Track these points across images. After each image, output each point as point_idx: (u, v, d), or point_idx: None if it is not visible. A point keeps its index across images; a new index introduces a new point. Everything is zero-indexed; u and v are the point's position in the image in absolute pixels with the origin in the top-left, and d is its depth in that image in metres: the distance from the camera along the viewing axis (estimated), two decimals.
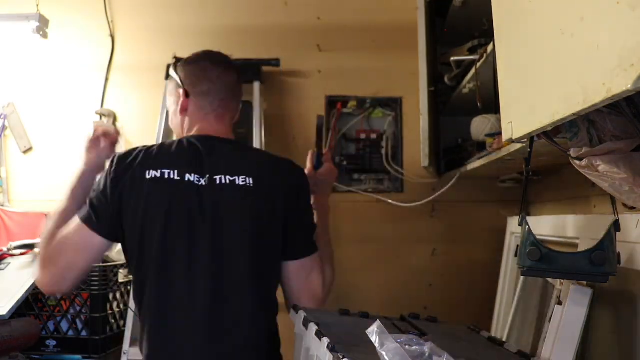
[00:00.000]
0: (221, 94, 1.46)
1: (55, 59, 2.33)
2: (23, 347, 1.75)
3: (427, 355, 0.77)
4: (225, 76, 1.48)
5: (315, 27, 2.26)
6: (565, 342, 1.04)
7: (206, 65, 1.49)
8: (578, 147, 0.77)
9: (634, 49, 0.49)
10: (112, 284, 1.96)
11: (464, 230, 2.14)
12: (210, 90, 1.46)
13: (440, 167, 2.03)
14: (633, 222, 0.96)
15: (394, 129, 2.20)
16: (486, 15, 1.04)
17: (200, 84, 1.46)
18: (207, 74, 1.47)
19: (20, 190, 2.29)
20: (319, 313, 1.11)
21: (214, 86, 1.46)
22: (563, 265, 0.88)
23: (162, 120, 2.10)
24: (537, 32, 0.74)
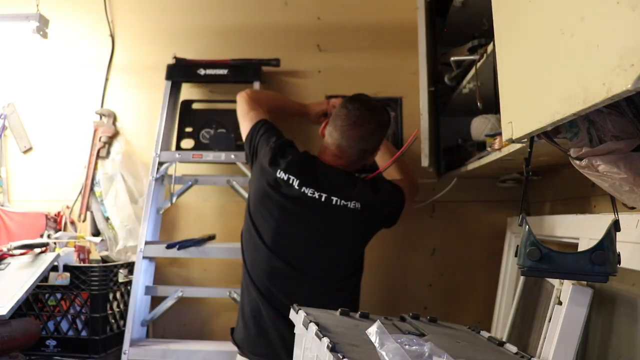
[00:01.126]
0: (343, 143, 1.70)
1: (55, 59, 2.33)
2: (23, 347, 1.75)
3: (427, 355, 0.77)
4: (349, 129, 1.69)
5: (315, 27, 2.26)
6: (565, 342, 1.04)
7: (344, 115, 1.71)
8: (578, 147, 0.77)
9: (634, 49, 0.49)
10: (112, 284, 1.96)
11: (464, 230, 2.14)
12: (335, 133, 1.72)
13: (440, 167, 2.03)
14: (633, 222, 0.96)
15: (394, 129, 2.19)
16: (486, 15, 1.04)
17: (333, 121, 1.73)
18: (339, 123, 1.71)
19: (20, 190, 2.29)
20: (319, 313, 1.11)
21: (336, 132, 1.71)
22: (563, 265, 0.88)
23: (162, 120, 2.10)
24: (537, 32, 0.74)
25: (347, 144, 1.70)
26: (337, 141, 1.71)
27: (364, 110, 1.71)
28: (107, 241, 2.14)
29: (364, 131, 1.69)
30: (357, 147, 1.70)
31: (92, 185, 2.20)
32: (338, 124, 1.71)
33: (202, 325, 2.16)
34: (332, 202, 1.64)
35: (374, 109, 1.75)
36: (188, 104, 2.21)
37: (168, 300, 2.01)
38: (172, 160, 2.07)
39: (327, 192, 1.65)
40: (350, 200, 1.65)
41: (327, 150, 1.74)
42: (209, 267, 2.18)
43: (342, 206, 1.64)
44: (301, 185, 1.65)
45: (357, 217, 1.66)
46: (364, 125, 1.69)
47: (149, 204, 2.02)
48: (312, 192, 1.64)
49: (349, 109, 1.71)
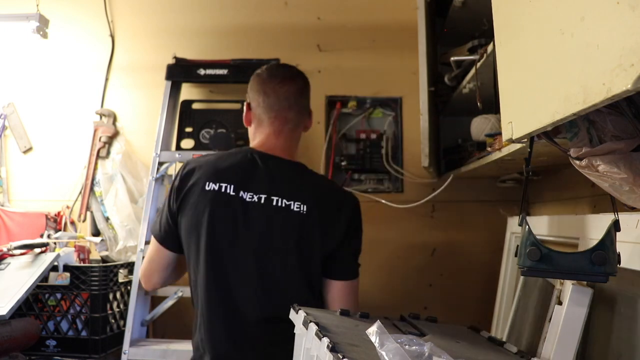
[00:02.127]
0: (275, 106, 1.49)
1: (55, 59, 2.33)
2: (23, 347, 1.75)
3: (426, 355, 0.77)
4: (281, 87, 1.50)
5: (315, 27, 2.26)
6: (565, 342, 1.04)
7: (264, 79, 1.52)
8: (578, 147, 0.77)
9: (634, 49, 0.49)
10: (112, 284, 1.96)
11: (464, 230, 2.14)
12: (266, 102, 1.50)
13: (440, 167, 2.03)
14: (633, 222, 0.96)
15: (394, 129, 2.20)
16: (486, 15, 1.04)
17: (257, 96, 1.51)
18: (264, 87, 1.51)
19: (20, 190, 2.29)
20: (319, 313, 1.11)
21: (268, 98, 1.49)
22: (563, 265, 0.88)
23: (162, 120, 2.10)
24: (537, 32, 0.74)
25: (286, 104, 1.48)
26: (271, 109, 1.47)
27: (283, 67, 1.56)
28: (107, 241, 2.14)
29: (297, 84, 1.51)
30: (298, 103, 1.50)
31: (92, 185, 2.20)
32: (263, 90, 1.49)
33: None
34: (272, 202, 1.38)
35: (292, 67, 1.58)
36: (188, 104, 2.21)
37: (168, 300, 2.01)
38: (172, 160, 2.07)
39: (266, 193, 1.38)
40: (295, 199, 1.38)
41: (262, 130, 1.49)
42: None
43: (285, 207, 1.37)
44: (237, 190, 1.38)
45: (303, 221, 1.37)
46: (293, 79, 1.51)
47: (149, 204, 2.02)
48: (250, 197, 1.38)
49: (268, 70, 1.53)
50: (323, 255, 1.40)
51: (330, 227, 1.40)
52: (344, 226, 1.41)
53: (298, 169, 1.48)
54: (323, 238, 1.39)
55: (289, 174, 1.45)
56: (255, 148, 1.49)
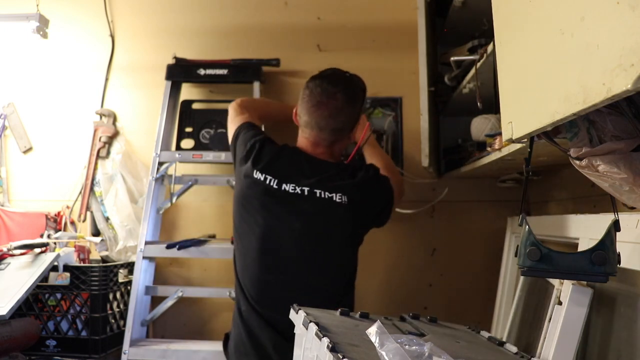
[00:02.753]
0: (309, 126, 1.61)
1: (55, 59, 2.33)
2: (23, 347, 1.75)
3: (426, 355, 0.77)
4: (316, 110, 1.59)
5: (315, 27, 2.26)
6: (565, 342, 1.04)
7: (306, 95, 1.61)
8: (578, 147, 0.77)
9: (634, 49, 0.49)
10: (112, 284, 1.96)
11: (464, 230, 2.14)
12: (303, 119, 1.63)
13: (440, 167, 2.03)
14: (633, 222, 0.96)
15: (394, 129, 2.20)
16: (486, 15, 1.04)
17: (299, 108, 1.64)
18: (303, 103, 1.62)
19: (20, 190, 2.29)
20: (319, 313, 1.11)
21: (305, 116, 1.62)
22: (563, 265, 0.88)
23: (162, 120, 2.10)
24: (537, 32, 0.74)
25: (317, 127, 1.59)
26: (308, 126, 1.60)
27: (325, 85, 1.58)
28: (107, 241, 2.14)
29: (331, 108, 1.57)
30: (328, 127, 1.59)
31: (92, 185, 2.20)
32: (304, 107, 1.60)
33: (202, 325, 2.16)
34: (315, 194, 1.53)
35: (338, 81, 1.61)
36: (188, 104, 2.21)
37: (168, 300, 2.01)
38: (172, 160, 2.07)
39: (309, 185, 1.54)
40: (336, 192, 1.53)
41: (304, 138, 1.64)
42: (209, 267, 2.18)
43: (328, 199, 1.53)
44: (280, 182, 1.55)
45: (345, 212, 1.54)
46: (329, 102, 1.57)
47: (149, 204, 2.02)
48: (293, 188, 1.53)
49: (310, 89, 1.60)
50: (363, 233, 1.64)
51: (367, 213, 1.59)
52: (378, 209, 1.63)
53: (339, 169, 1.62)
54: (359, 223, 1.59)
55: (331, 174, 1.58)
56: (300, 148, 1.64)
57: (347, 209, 1.53)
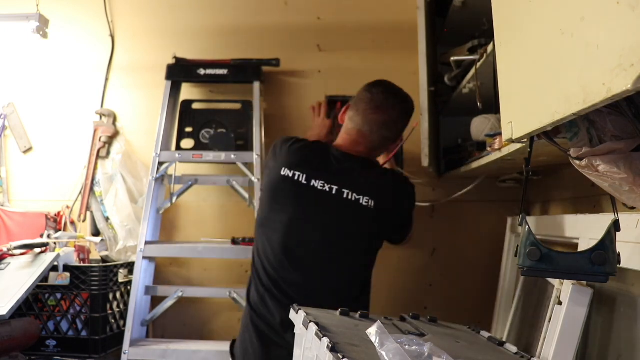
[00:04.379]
0: (358, 125, 1.63)
1: (55, 58, 2.33)
2: (23, 347, 1.75)
3: (426, 355, 0.77)
4: (372, 113, 1.63)
5: (315, 27, 2.26)
6: (565, 342, 1.04)
7: (366, 98, 1.65)
8: (578, 147, 0.77)
9: (634, 49, 0.49)
10: (112, 284, 1.96)
11: (464, 230, 2.14)
12: (355, 118, 1.65)
13: (440, 167, 2.03)
14: (633, 222, 0.96)
15: None
16: (486, 15, 1.04)
17: (353, 108, 1.67)
18: (360, 104, 1.65)
19: (20, 190, 2.29)
20: (319, 313, 1.11)
21: (357, 116, 1.64)
22: (563, 265, 0.88)
23: (162, 120, 2.10)
24: (537, 32, 0.74)
25: (369, 129, 1.62)
26: (358, 126, 1.63)
27: (388, 95, 1.64)
28: (107, 241, 2.14)
29: (387, 117, 1.62)
30: (379, 132, 1.63)
31: (92, 185, 2.20)
32: (361, 108, 1.64)
33: (202, 325, 2.16)
34: (343, 194, 1.55)
35: (399, 94, 1.68)
36: (188, 104, 2.21)
37: (168, 300, 2.01)
38: (172, 160, 2.07)
39: (338, 184, 1.56)
40: (364, 194, 1.55)
41: (347, 136, 1.66)
42: (209, 267, 2.18)
43: (355, 201, 1.55)
44: (309, 179, 1.57)
45: (370, 215, 1.56)
46: (388, 110, 1.63)
47: (149, 204, 2.02)
48: (322, 185, 1.56)
49: (372, 93, 1.64)
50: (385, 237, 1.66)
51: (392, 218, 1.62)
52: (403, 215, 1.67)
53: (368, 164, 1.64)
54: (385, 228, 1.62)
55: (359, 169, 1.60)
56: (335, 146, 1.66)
57: (372, 213, 1.56)
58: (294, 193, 1.57)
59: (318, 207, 1.56)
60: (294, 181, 1.57)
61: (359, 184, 1.57)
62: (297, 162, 1.60)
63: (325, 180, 1.56)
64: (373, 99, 1.63)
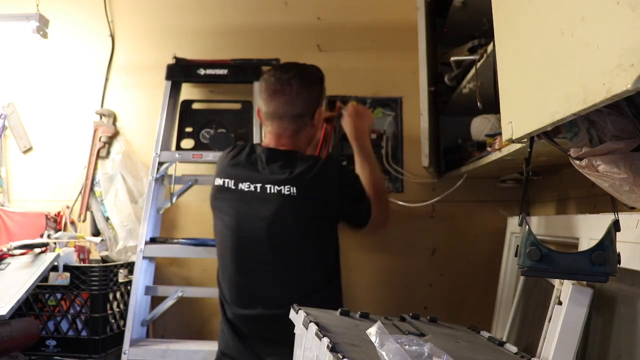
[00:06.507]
0: (270, 117, 1.63)
1: (55, 59, 2.33)
2: (23, 347, 1.75)
3: (426, 356, 0.77)
4: (272, 99, 1.61)
5: (315, 27, 2.26)
6: (565, 342, 1.04)
7: (262, 88, 1.65)
8: (578, 147, 0.77)
9: (634, 49, 0.49)
10: (112, 284, 1.96)
11: (464, 230, 2.14)
12: (263, 112, 1.65)
13: (440, 167, 2.03)
14: (633, 222, 0.96)
15: (394, 129, 2.20)
16: (486, 15, 1.04)
17: (260, 103, 1.66)
18: (262, 96, 1.64)
19: (20, 190, 2.29)
20: (319, 313, 1.11)
21: (264, 108, 1.64)
22: (563, 265, 0.88)
23: (162, 120, 2.10)
24: (537, 32, 0.74)
25: (277, 115, 1.62)
26: (268, 117, 1.64)
27: (279, 74, 1.64)
28: (107, 241, 2.14)
29: (286, 95, 1.61)
30: (288, 113, 1.61)
31: (92, 185, 2.20)
32: (261, 99, 1.65)
33: (202, 325, 2.16)
34: (266, 190, 1.54)
35: (290, 68, 1.66)
36: (188, 104, 2.21)
37: (168, 300, 2.01)
38: (172, 160, 2.07)
39: (261, 182, 1.55)
40: (284, 184, 1.53)
41: (268, 133, 1.67)
42: (209, 267, 2.18)
43: (277, 192, 1.53)
44: (236, 183, 1.58)
45: (294, 203, 1.52)
46: (284, 88, 1.61)
47: (149, 204, 2.02)
48: (247, 186, 1.56)
49: (265, 80, 1.65)
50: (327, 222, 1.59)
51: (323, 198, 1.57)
52: (341, 192, 1.59)
53: (292, 156, 1.60)
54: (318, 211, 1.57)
55: (283, 163, 1.58)
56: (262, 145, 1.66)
57: (295, 200, 1.52)
58: (228, 202, 1.59)
59: (249, 209, 1.56)
60: (224, 188, 1.60)
61: (281, 176, 1.55)
62: (226, 169, 1.63)
63: (251, 180, 1.57)
64: (267, 85, 1.63)
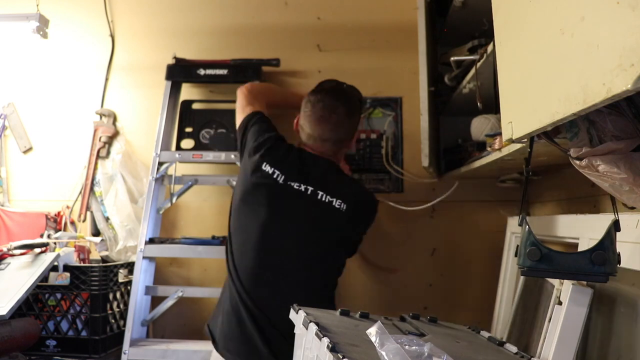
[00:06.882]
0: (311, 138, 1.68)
1: (55, 59, 2.33)
2: (23, 347, 1.75)
3: (426, 356, 0.77)
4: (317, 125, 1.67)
5: (315, 27, 2.26)
6: (565, 342, 1.04)
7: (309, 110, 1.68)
8: (578, 147, 0.77)
9: (634, 49, 0.49)
10: (112, 284, 1.96)
11: (464, 230, 2.14)
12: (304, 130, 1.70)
13: (440, 167, 2.03)
14: (633, 222, 0.96)
15: (394, 129, 2.20)
16: (486, 15, 1.04)
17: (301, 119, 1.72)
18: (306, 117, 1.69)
19: (20, 190, 2.29)
20: (319, 313, 1.11)
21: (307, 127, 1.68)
22: (563, 265, 0.88)
23: (162, 120, 2.10)
24: (537, 32, 0.74)
25: (320, 139, 1.67)
26: (310, 138, 1.68)
27: (327, 101, 1.67)
28: (107, 241, 2.14)
29: (333, 122, 1.66)
30: (332, 139, 1.67)
31: (92, 185, 2.20)
32: (307, 121, 1.68)
33: (202, 325, 2.15)
34: (317, 196, 1.59)
35: (338, 95, 1.70)
36: (188, 104, 2.21)
37: (168, 300, 2.01)
38: (172, 160, 2.08)
39: (313, 185, 1.59)
40: (337, 197, 1.59)
41: (306, 144, 1.71)
42: (209, 267, 2.18)
43: (328, 202, 1.59)
44: (287, 179, 1.60)
45: (342, 218, 1.60)
46: (331, 116, 1.66)
47: (149, 204, 2.02)
48: (297, 185, 1.59)
49: (312, 103, 1.68)
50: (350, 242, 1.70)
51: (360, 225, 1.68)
52: (365, 223, 1.71)
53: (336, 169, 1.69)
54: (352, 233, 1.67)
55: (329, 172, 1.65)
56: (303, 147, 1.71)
57: (344, 215, 1.60)
58: (271, 193, 1.60)
59: (293, 208, 1.60)
60: (272, 179, 1.61)
61: (331, 186, 1.61)
62: (277, 160, 1.63)
63: (302, 181, 1.60)
64: (314, 109, 1.67)
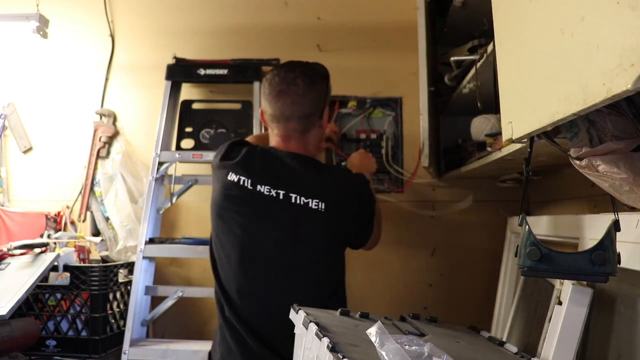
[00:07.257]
0: (276, 119, 1.55)
1: (55, 58, 2.33)
2: (23, 347, 1.75)
3: (426, 355, 0.77)
4: (277, 100, 1.53)
5: (315, 27, 2.26)
6: (565, 342, 1.03)
7: (266, 89, 1.56)
8: (578, 147, 0.77)
9: (634, 49, 0.49)
10: (112, 284, 1.96)
11: (464, 230, 2.14)
12: (268, 114, 1.57)
13: (440, 167, 2.03)
14: (633, 222, 0.96)
15: (394, 129, 2.20)
16: (486, 15, 1.04)
17: (264, 105, 1.58)
18: (266, 98, 1.56)
19: (20, 190, 2.29)
20: (319, 313, 1.11)
21: (270, 109, 1.55)
22: (563, 265, 0.88)
23: (162, 120, 2.10)
24: (537, 32, 0.74)
25: (284, 116, 1.53)
26: (273, 119, 1.55)
27: (283, 73, 1.55)
28: (107, 241, 2.14)
29: (292, 94, 1.52)
30: (295, 114, 1.53)
31: (92, 185, 2.20)
32: (266, 100, 1.55)
33: (202, 325, 2.16)
34: (290, 199, 1.46)
35: (294, 67, 1.58)
36: (188, 104, 2.21)
37: (168, 300, 2.01)
38: (172, 160, 2.08)
39: (284, 188, 1.46)
40: (312, 197, 1.46)
41: (274, 135, 1.58)
42: (209, 267, 2.17)
43: (304, 205, 1.45)
44: (254, 183, 1.47)
45: (321, 219, 1.46)
46: (290, 88, 1.52)
47: (149, 204, 2.02)
48: (268, 190, 1.46)
49: (269, 80, 1.56)
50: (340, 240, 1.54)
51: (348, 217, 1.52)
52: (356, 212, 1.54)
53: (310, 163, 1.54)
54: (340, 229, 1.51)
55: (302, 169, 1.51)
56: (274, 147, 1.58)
57: (324, 216, 1.46)
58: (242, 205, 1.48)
59: (268, 217, 1.47)
60: (240, 186, 1.48)
61: (305, 186, 1.48)
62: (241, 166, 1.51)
63: (272, 185, 1.47)
64: (272, 85, 1.54)
